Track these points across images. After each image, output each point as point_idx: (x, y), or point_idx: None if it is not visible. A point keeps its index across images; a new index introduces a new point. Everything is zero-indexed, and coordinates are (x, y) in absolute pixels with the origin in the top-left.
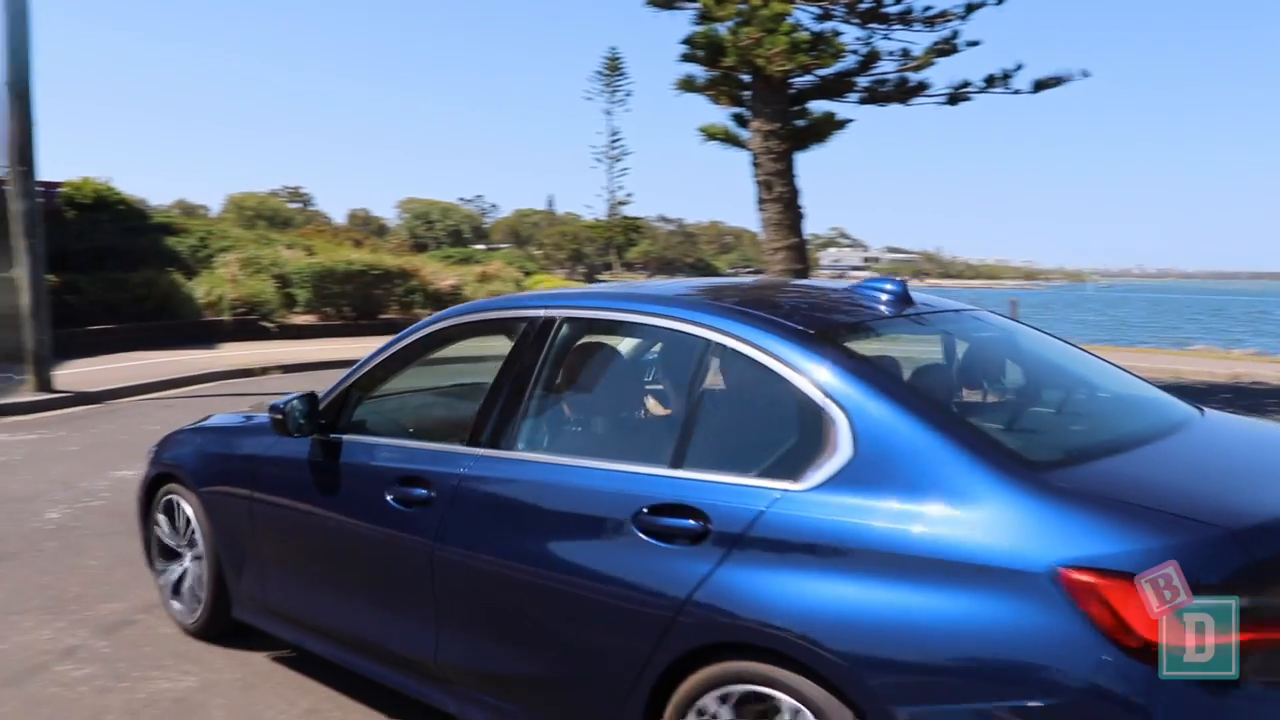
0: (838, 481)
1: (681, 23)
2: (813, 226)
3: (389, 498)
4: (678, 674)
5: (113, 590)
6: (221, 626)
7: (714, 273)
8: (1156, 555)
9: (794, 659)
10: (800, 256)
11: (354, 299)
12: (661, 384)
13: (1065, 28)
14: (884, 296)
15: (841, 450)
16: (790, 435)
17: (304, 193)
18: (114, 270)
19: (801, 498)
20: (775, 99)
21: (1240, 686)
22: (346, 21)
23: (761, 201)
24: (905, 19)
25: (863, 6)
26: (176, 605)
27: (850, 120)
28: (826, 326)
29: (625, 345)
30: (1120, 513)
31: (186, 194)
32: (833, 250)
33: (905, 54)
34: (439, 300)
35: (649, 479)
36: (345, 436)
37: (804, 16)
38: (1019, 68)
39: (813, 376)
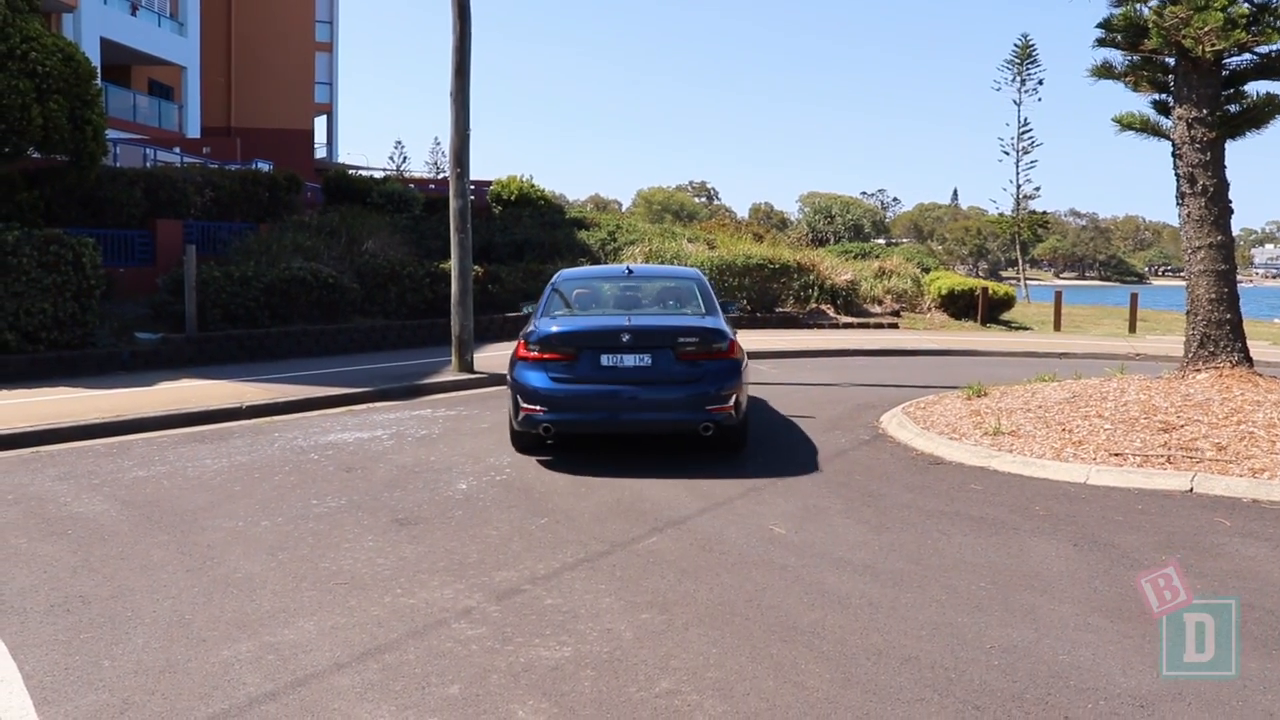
0: None
1: (1099, 5)
2: (1246, 220)
3: None
4: None
5: (507, 559)
6: None
7: (1129, 271)
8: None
9: None
10: (1226, 256)
11: (751, 292)
12: None
13: None
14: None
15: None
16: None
17: (709, 187)
18: (532, 261)
19: None
20: (1204, 82)
21: None
22: (752, 28)
23: (1182, 196)
24: None
25: None
26: None
27: None
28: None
29: None
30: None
31: (601, 189)
32: (1269, 247)
33: None
34: (834, 295)
35: None
36: None
37: None
38: None
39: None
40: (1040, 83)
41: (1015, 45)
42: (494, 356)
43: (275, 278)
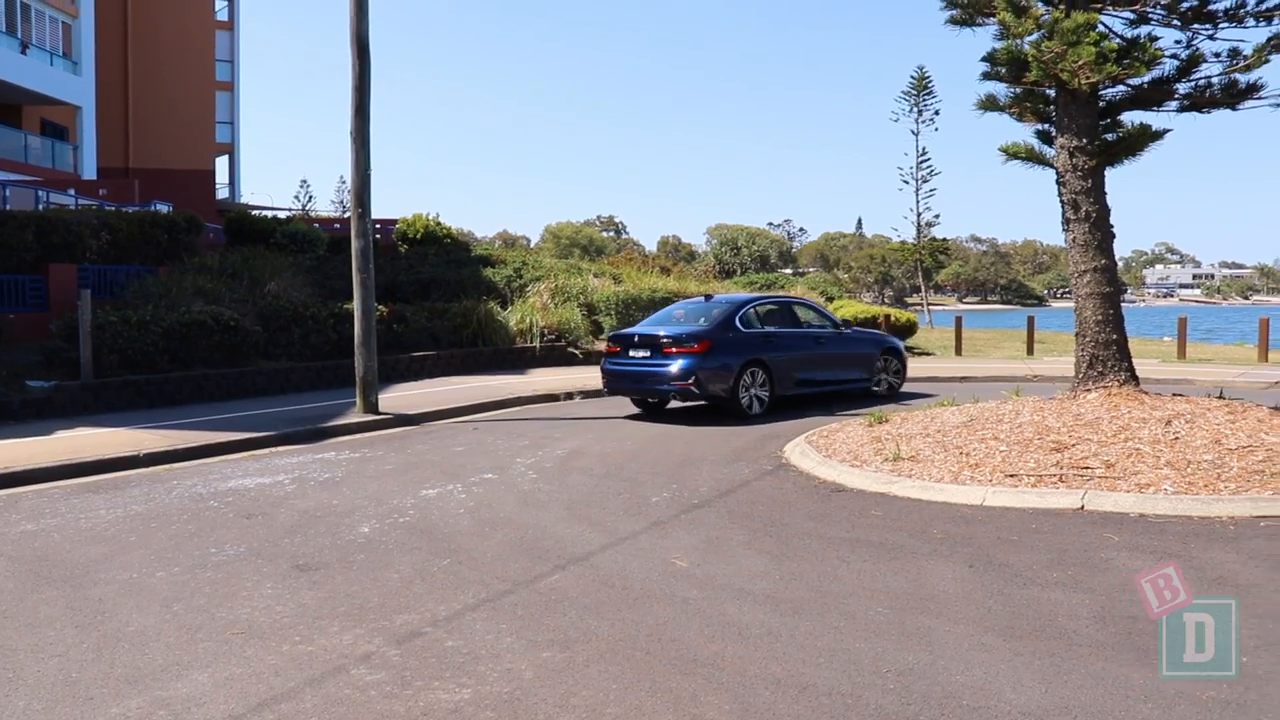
0: None
1: (984, 39)
2: (1137, 243)
3: None
4: None
5: (408, 602)
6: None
7: (1029, 294)
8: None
9: None
10: (1111, 278)
11: None
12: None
13: None
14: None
15: None
16: None
17: (617, 221)
18: (437, 300)
19: None
20: (1082, 113)
21: None
22: (658, 65)
23: (1067, 222)
24: (1235, 15)
25: (1185, 6)
26: None
27: (1168, 130)
28: None
29: None
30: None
31: (509, 225)
32: (1159, 268)
33: (1234, 54)
34: None
35: None
36: None
37: (1115, 23)
38: None
39: None
40: (936, 113)
41: (912, 77)
42: (400, 397)
43: (175, 321)
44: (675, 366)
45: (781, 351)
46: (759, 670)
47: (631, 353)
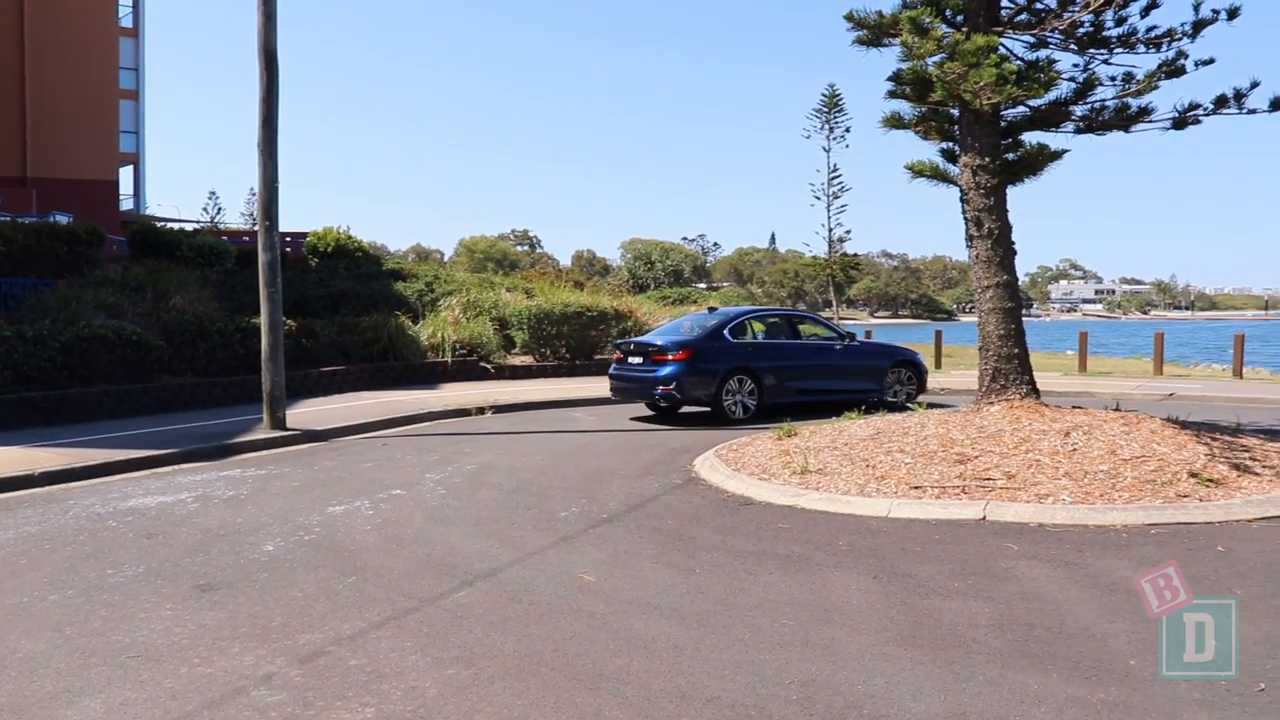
0: None
1: (890, 59)
2: (1043, 259)
3: None
4: None
5: (312, 621)
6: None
7: (938, 309)
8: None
9: None
10: (1012, 294)
11: (570, 340)
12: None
13: None
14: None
15: None
16: None
17: (532, 235)
18: (348, 314)
19: None
20: (985, 132)
21: None
22: (570, 78)
23: (971, 239)
24: (1128, 41)
25: (1081, 31)
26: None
27: (1066, 151)
28: None
29: None
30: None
31: (423, 239)
32: (1063, 283)
33: (1128, 78)
34: None
35: None
36: None
37: (1016, 46)
38: (1254, 86)
39: None
40: (848, 130)
41: (823, 95)
42: (309, 413)
43: (74, 336)
44: (661, 373)
45: (770, 360)
46: (664, 684)
47: (630, 360)
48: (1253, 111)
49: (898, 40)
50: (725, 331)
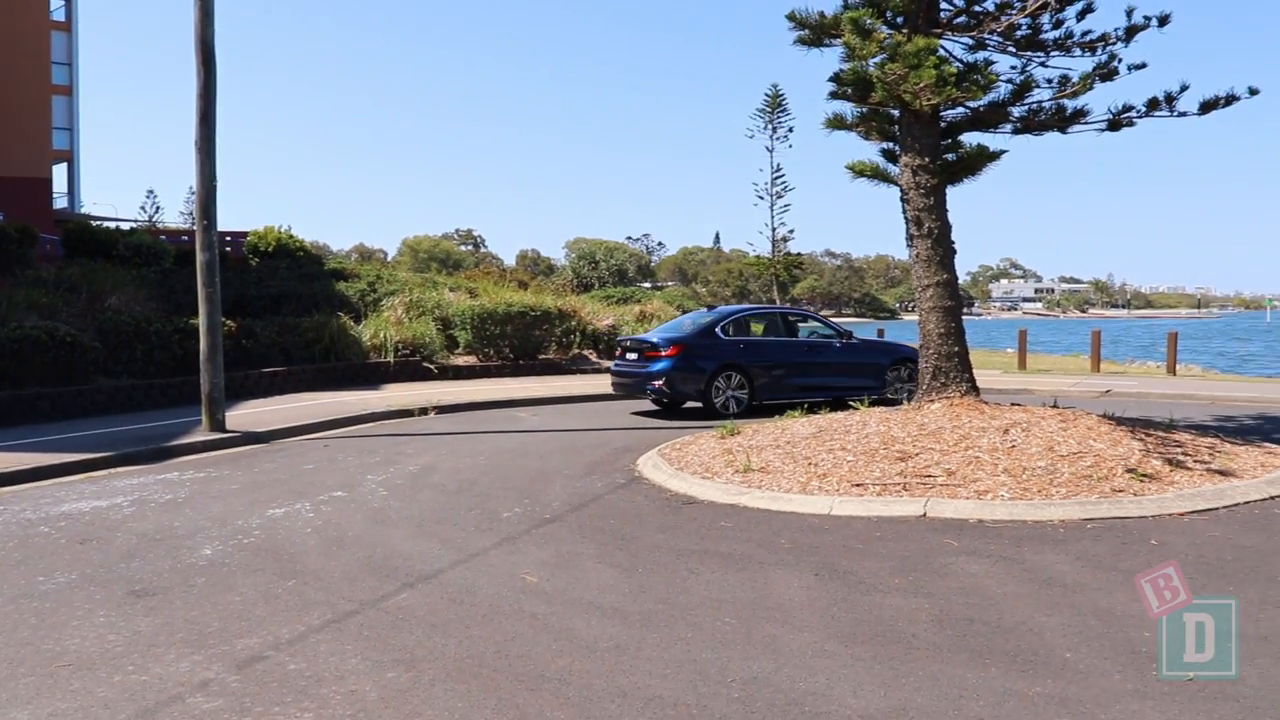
0: None
1: (832, 60)
2: (983, 258)
3: None
4: None
5: (250, 626)
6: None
7: (881, 307)
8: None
9: None
10: (952, 293)
11: (513, 340)
12: None
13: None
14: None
15: None
16: None
17: (476, 235)
18: (289, 315)
19: None
20: (925, 133)
21: None
22: (515, 76)
23: (911, 238)
24: (1064, 45)
25: (1019, 34)
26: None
27: (1004, 151)
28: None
29: None
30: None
31: (366, 238)
32: (1004, 282)
33: (1063, 81)
34: (596, 340)
35: None
36: None
37: (955, 48)
38: (1184, 89)
39: None
40: (791, 130)
41: (766, 95)
42: (249, 414)
43: (4, 337)
44: (653, 369)
45: (762, 357)
46: (605, 684)
47: (628, 356)
48: (1183, 114)
49: (839, 41)
50: (718, 329)
